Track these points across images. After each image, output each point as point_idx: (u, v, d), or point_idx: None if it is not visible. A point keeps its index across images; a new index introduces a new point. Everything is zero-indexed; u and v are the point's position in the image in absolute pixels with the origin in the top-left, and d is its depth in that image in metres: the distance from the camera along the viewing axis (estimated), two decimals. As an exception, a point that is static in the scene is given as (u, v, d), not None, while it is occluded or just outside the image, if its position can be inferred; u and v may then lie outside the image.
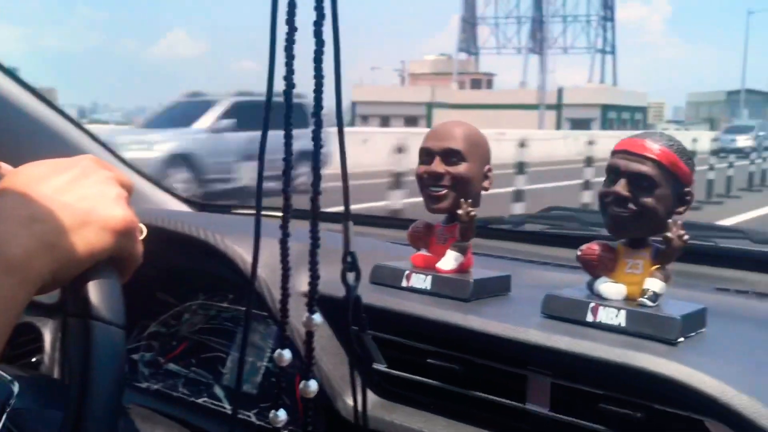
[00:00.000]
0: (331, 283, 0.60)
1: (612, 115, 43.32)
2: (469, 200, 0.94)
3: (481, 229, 1.51)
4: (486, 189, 0.99)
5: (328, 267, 0.57)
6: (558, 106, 41.14)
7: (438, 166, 0.94)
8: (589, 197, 7.88)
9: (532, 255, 1.34)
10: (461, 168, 0.94)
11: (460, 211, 0.92)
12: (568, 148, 21.48)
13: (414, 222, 1.02)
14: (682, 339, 0.74)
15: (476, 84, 49.87)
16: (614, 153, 0.82)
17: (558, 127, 38.43)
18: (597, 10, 53.12)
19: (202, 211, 1.73)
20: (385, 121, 40.59)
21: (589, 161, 8.45)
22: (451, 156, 0.94)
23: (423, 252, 0.99)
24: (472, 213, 0.93)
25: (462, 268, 0.96)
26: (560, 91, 42.43)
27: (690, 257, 1.19)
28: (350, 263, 0.54)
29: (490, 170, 0.99)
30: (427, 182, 0.96)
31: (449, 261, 0.95)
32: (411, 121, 39.91)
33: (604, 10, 53.11)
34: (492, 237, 1.51)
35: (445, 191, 0.94)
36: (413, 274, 0.96)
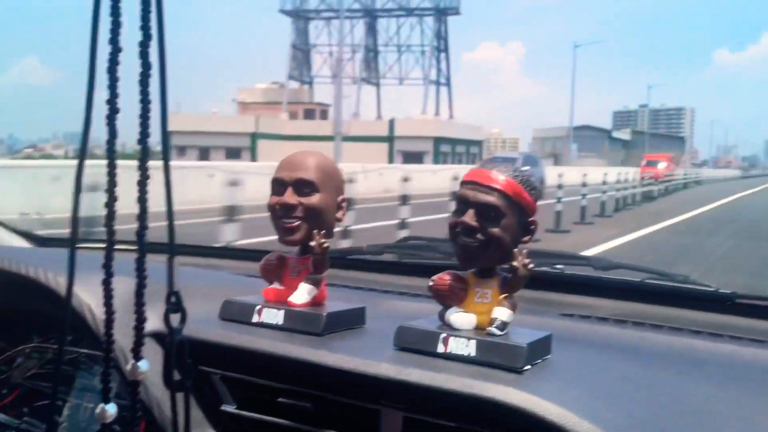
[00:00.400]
0: (190, 319, 0.56)
1: (446, 149, 42.80)
2: (322, 231, 0.92)
3: (338, 260, 1.49)
4: (339, 220, 0.97)
5: (185, 303, 0.53)
6: (389, 138, 39.68)
7: (290, 197, 0.92)
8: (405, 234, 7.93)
9: (390, 285, 1.34)
10: (314, 199, 0.92)
11: (313, 243, 0.91)
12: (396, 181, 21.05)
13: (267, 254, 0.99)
14: (528, 367, 0.75)
15: (309, 114, 46.73)
16: (463, 183, 0.84)
17: (390, 159, 37.50)
18: (430, 41, 52.02)
19: (43, 246, 1.62)
20: (204, 154, 36.90)
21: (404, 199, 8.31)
22: (303, 187, 0.92)
23: (276, 285, 0.96)
24: (326, 245, 0.92)
25: (316, 302, 0.93)
26: (391, 123, 41.09)
27: (539, 284, 1.25)
28: (174, 304, 0.50)
29: (343, 201, 0.98)
30: (279, 214, 0.93)
31: (302, 294, 0.92)
32: (234, 153, 36.95)
33: (438, 40, 52.32)
34: (350, 267, 1.50)
35: (297, 222, 0.92)
36: (265, 309, 0.92)
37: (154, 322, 0.59)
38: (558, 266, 1.40)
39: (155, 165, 0.44)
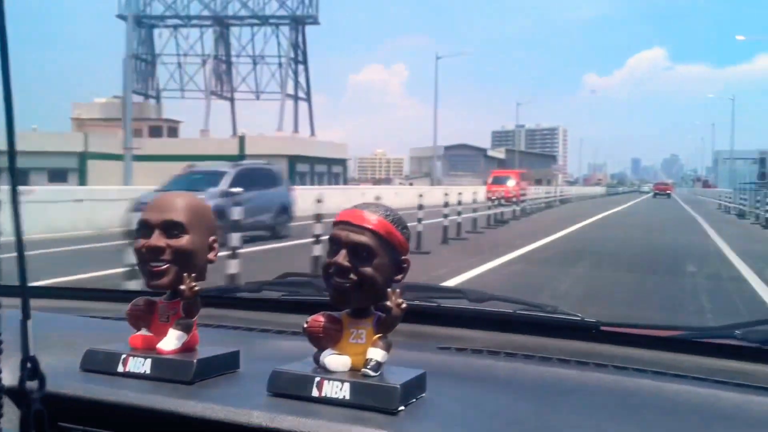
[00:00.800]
0: (49, 371, 0.55)
1: (303, 168, 41.05)
2: (193, 274, 0.91)
3: (214, 298, 1.48)
4: (212, 261, 0.96)
5: (43, 353, 0.51)
6: (240, 157, 34.70)
7: (157, 239, 0.90)
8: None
9: (268, 323, 1.34)
10: (183, 241, 0.91)
11: (182, 287, 0.89)
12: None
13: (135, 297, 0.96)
14: (402, 407, 0.77)
15: (156, 132, 43.53)
16: (335, 224, 0.86)
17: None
18: (287, 52, 49.26)
19: None
20: (22, 176, 32.24)
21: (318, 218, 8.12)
22: (171, 228, 0.91)
23: (144, 332, 0.94)
24: (196, 288, 0.90)
25: (187, 347, 0.91)
26: (242, 140, 39.09)
27: (416, 317, 1.29)
28: (30, 370, 0.48)
29: (215, 241, 0.97)
30: (146, 257, 0.91)
31: (171, 341, 0.90)
32: (59, 175, 33.63)
33: (295, 51, 49.40)
34: (227, 306, 1.49)
35: (166, 266, 0.91)
36: (131, 358, 0.89)
37: (8, 377, 0.55)
38: (434, 299, 1.45)
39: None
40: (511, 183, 33.56)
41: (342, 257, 0.82)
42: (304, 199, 15.22)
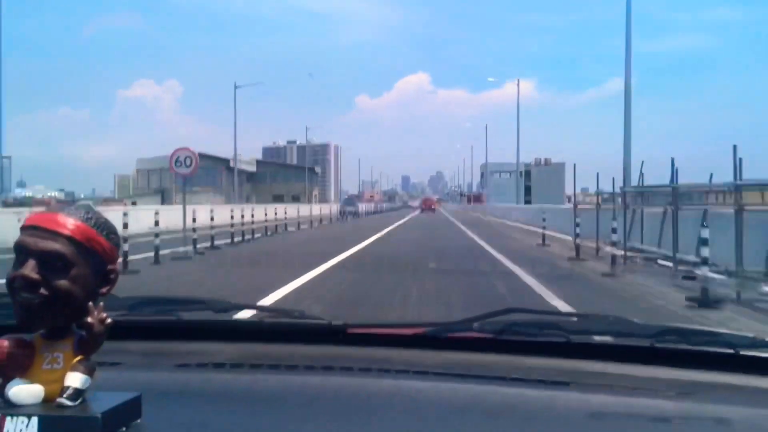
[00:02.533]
0: None
1: None
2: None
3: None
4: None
5: None
6: None
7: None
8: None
9: None
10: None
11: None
12: None
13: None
14: None
15: None
16: (23, 229, 0.83)
17: None
18: None
19: None
20: None
21: None
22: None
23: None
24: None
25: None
26: None
27: (155, 333, 1.33)
28: None
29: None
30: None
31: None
32: None
33: None
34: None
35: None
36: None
37: None
38: (175, 312, 1.48)
39: None
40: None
41: (30, 268, 0.80)
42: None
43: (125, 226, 14.24)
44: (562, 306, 8.33)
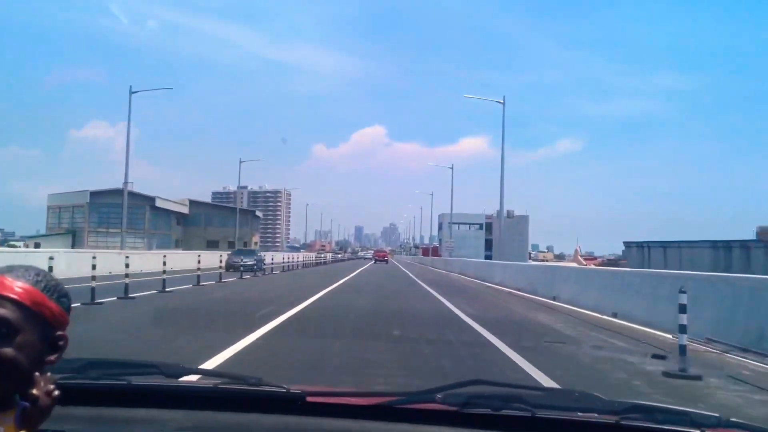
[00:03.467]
0: None
1: None
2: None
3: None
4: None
5: None
6: None
7: None
8: None
9: None
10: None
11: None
12: None
13: None
14: None
15: None
16: None
17: None
18: None
19: None
20: None
21: None
22: None
23: None
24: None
25: None
26: None
27: (102, 400, 1.33)
28: None
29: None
30: None
31: None
32: None
33: None
34: None
35: None
36: None
37: None
38: (124, 377, 1.47)
39: None
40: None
41: None
42: None
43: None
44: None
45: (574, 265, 30.72)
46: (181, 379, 1.58)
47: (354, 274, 43.10)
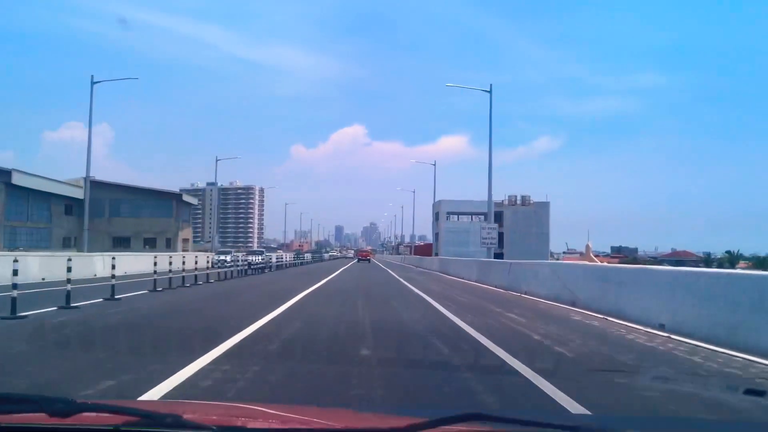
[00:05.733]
0: None
1: None
2: None
3: None
4: None
5: None
6: None
7: None
8: None
9: None
10: None
11: None
12: None
13: None
14: None
15: None
16: None
17: None
18: None
19: None
20: None
21: None
22: None
23: None
24: None
25: None
26: None
27: None
28: None
29: None
30: None
31: None
32: None
33: None
34: None
35: None
36: None
37: None
38: (5, 412, 1.43)
39: None
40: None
41: None
42: None
43: None
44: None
45: (587, 263, 27.09)
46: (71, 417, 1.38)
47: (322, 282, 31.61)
